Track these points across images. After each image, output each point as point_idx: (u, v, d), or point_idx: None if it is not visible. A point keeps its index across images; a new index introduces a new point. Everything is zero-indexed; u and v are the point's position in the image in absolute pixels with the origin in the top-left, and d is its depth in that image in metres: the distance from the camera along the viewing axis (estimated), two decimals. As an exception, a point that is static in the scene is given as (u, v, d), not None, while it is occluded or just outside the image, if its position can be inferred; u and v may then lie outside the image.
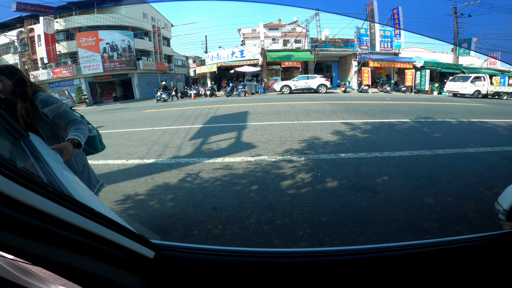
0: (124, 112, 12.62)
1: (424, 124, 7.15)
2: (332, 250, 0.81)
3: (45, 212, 0.43)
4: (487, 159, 4.16)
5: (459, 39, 5.12)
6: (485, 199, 2.78)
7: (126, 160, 4.52)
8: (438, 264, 0.76)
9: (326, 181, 3.35)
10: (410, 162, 3.98)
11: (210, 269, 0.74)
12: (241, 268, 0.76)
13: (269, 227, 2.40)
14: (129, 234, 0.62)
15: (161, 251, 0.73)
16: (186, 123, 7.98)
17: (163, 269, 0.70)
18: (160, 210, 2.80)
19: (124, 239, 0.60)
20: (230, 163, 4.12)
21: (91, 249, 0.52)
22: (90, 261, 0.52)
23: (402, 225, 2.36)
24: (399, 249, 0.81)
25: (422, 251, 0.79)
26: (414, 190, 3.05)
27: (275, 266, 0.77)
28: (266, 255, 0.82)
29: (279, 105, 11.18)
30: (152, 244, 0.71)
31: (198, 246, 0.82)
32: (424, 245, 0.80)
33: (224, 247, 0.84)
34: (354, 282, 0.75)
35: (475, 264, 0.77)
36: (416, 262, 0.77)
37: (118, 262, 0.59)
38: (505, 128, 6.69)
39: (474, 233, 0.80)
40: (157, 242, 0.75)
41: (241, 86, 19.61)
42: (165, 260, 0.72)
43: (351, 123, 7.02)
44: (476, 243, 0.79)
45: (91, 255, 0.52)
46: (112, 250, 0.57)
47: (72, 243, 0.48)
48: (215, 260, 0.77)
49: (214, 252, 0.81)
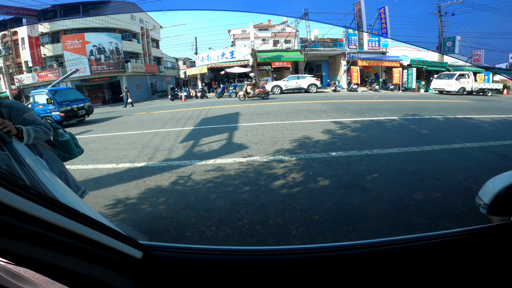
0: (113, 116, 12.40)
1: (412, 121, 7.30)
2: (322, 246, 0.82)
3: (28, 213, 0.44)
4: (473, 154, 4.27)
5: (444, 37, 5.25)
6: (472, 194, 2.84)
7: (116, 164, 4.44)
8: (425, 258, 0.78)
9: (317, 180, 3.36)
10: (399, 159, 4.05)
11: (198, 268, 0.74)
12: (229, 267, 0.76)
13: (262, 227, 2.40)
14: (115, 235, 0.62)
15: (149, 251, 0.73)
16: (177, 126, 7.90)
17: (151, 269, 0.71)
18: (153, 213, 2.76)
19: (110, 239, 0.60)
20: (222, 165, 4.09)
21: (76, 250, 0.53)
22: (76, 261, 0.53)
23: (393, 221, 2.39)
24: (389, 243, 0.82)
25: (410, 246, 0.81)
26: (403, 187, 3.10)
27: (263, 264, 0.77)
28: (255, 253, 0.81)
29: (270, 105, 11.21)
30: (140, 245, 0.72)
31: (186, 245, 0.82)
32: (412, 240, 0.81)
33: (213, 246, 0.84)
34: (346, 277, 0.76)
35: (460, 257, 0.78)
36: (405, 256, 0.78)
37: (105, 263, 0.59)
38: (490, 124, 6.90)
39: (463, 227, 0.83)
40: (145, 242, 0.76)
41: (232, 87, 19.57)
42: (153, 260, 0.72)
43: (341, 122, 7.10)
44: (461, 236, 0.81)
45: (76, 256, 0.53)
46: (98, 250, 0.57)
47: (55, 244, 0.49)
48: (203, 259, 0.77)
49: (202, 251, 0.81)
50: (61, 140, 1.74)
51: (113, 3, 2.17)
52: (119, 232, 0.66)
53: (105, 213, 2.80)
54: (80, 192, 1.80)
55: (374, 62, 23.07)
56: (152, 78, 30.40)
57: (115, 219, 2.67)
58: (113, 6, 2.21)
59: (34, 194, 0.46)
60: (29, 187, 0.47)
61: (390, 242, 0.81)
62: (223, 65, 22.74)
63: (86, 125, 9.90)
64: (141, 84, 28.21)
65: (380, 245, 0.81)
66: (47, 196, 0.51)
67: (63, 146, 1.80)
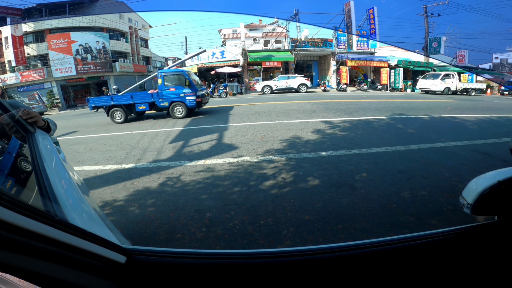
0: (100, 116, 12.12)
1: (399, 120, 7.45)
2: (312, 248, 0.81)
3: (4, 220, 0.44)
4: (458, 153, 4.39)
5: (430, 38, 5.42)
6: (457, 192, 2.91)
7: (103, 166, 4.34)
8: (413, 259, 0.79)
9: (307, 179, 3.38)
10: (387, 158, 4.12)
11: (183, 272, 0.73)
12: (217, 271, 0.75)
13: (253, 228, 2.39)
14: (96, 240, 0.62)
15: (133, 255, 0.72)
16: (166, 126, 7.80)
17: (135, 274, 0.70)
18: (141, 215, 2.71)
19: (90, 244, 0.60)
20: (212, 165, 4.06)
21: (55, 256, 0.52)
22: (56, 267, 0.52)
23: (381, 220, 2.43)
24: (379, 244, 0.82)
25: (398, 246, 0.81)
26: (391, 185, 3.15)
27: (252, 268, 0.76)
28: (243, 256, 0.80)
29: (261, 106, 11.22)
30: (123, 249, 0.71)
31: (172, 249, 0.81)
32: (400, 240, 0.82)
33: (199, 250, 0.83)
34: (336, 279, 0.76)
35: (446, 257, 0.80)
36: (394, 257, 0.79)
37: (86, 268, 0.59)
38: (474, 123, 7.12)
39: (449, 226, 0.84)
40: (129, 247, 0.75)
41: (222, 87, 19.48)
42: (137, 265, 0.71)
43: (330, 122, 7.17)
44: (447, 236, 0.82)
45: (56, 262, 0.52)
46: (79, 256, 0.57)
47: (33, 250, 0.48)
48: (189, 263, 0.76)
49: (188, 255, 0.81)
50: None
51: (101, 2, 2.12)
52: (99, 237, 0.65)
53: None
54: None
55: (362, 62, 23.44)
56: (141, 77, 29.90)
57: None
58: (101, 5, 2.16)
59: (8, 200, 0.45)
60: (2, 193, 0.46)
61: (379, 243, 0.82)
62: (214, 65, 22.60)
63: (75, 126, 9.61)
64: (129, 84, 27.67)
65: (369, 246, 0.81)
66: (24, 203, 0.50)
67: None
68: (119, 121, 9.16)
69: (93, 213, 0.98)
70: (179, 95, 9.01)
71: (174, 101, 9.11)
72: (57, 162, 1.16)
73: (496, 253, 0.79)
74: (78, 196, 1.04)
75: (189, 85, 8.99)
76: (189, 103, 9.06)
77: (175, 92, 9.04)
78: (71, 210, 0.77)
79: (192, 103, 9.09)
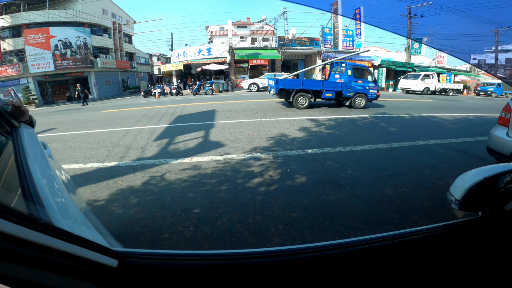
0: (80, 113, 11.67)
1: (382, 119, 7.66)
2: (301, 247, 0.81)
3: None
4: (437, 150, 4.57)
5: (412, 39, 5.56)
6: (437, 189, 3.04)
7: (84, 164, 4.17)
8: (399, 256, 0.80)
9: (294, 177, 3.40)
10: (371, 156, 4.22)
11: (177, 274, 0.71)
12: (211, 272, 0.73)
13: (241, 226, 2.37)
14: (84, 244, 0.59)
15: (125, 259, 0.69)
16: (150, 123, 7.61)
17: (128, 278, 0.67)
18: (126, 215, 2.62)
19: (78, 248, 0.57)
20: (198, 163, 4.00)
21: (42, 262, 0.50)
22: (42, 273, 0.49)
23: (367, 216, 2.48)
24: (368, 242, 0.83)
25: (384, 244, 0.82)
26: (375, 182, 3.23)
27: (245, 268, 0.75)
28: (236, 256, 0.79)
29: (247, 103, 11.18)
30: (114, 253, 0.68)
31: (165, 251, 0.78)
32: (385, 238, 0.83)
33: (191, 251, 0.81)
34: (327, 278, 0.76)
35: (433, 254, 0.82)
36: (384, 255, 0.80)
37: (75, 274, 0.56)
38: (451, 122, 7.43)
39: (430, 222, 0.87)
40: (120, 250, 0.72)
41: (208, 84, 19.26)
42: (129, 268, 0.69)
43: (316, 120, 7.26)
44: (433, 233, 0.84)
45: (41, 268, 0.49)
46: (66, 261, 0.54)
47: (18, 257, 0.46)
48: (182, 265, 0.74)
49: (181, 256, 0.79)
50: None
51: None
52: (88, 240, 0.63)
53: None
54: None
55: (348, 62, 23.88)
56: (124, 74, 29.07)
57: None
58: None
59: None
60: None
61: (369, 240, 0.82)
62: (200, 62, 22.29)
63: (47, 124, 9.17)
64: (111, 80, 26.88)
65: (360, 243, 0.82)
66: (4, 205, 0.47)
67: None
68: (303, 106, 9.45)
69: (81, 215, 0.93)
70: (365, 87, 9.82)
71: (359, 92, 9.80)
72: (42, 159, 1.09)
73: (481, 248, 0.82)
74: (64, 196, 0.99)
75: (374, 80, 10.01)
76: (370, 95, 9.93)
77: (362, 85, 9.80)
78: (57, 211, 0.73)
79: (373, 95, 9.94)
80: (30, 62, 21.23)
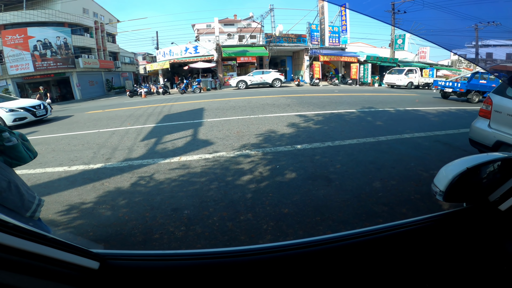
0: (63, 114, 11.28)
1: (368, 113, 7.79)
2: (291, 243, 0.81)
3: None
4: (422, 143, 4.69)
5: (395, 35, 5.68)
6: (423, 181, 3.12)
7: (69, 167, 4.04)
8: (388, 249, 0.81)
9: (284, 173, 3.42)
10: (358, 150, 4.30)
11: (162, 275, 0.70)
12: (197, 272, 0.73)
13: (233, 224, 2.36)
14: (63, 247, 0.58)
15: (107, 260, 0.69)
16: (137, 123, 7.45)
17: (110, 279, 0.67)
18: (114, 216, 2.57)
19: (58, 252, 0.56)
20: (187, 162, 3.96)
21: (21, 266, 0.49)
22: (23, 278, 0.48)
23: (356, 210, 2.53)
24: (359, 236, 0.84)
25: (373, 238, 0.84)
26: (363, 176, 3.29)
27: (232, 266, 0.74)
28: (222, 255, 0.78)
29: (235, 101, 11.13)
30: (95, 255, 0.67)
31: (147, 252, 0.77)
32: (374, 232, 0.85)
33: (175, 251, 0.80)
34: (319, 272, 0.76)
35: (420, 247, 0.84)
36: (368, 249, 0.81)
37: (56, 277, 0.55)
38: (435, 115, 7.65)
39: (418, 214, 0.89)
40: (101, 251, 0.71)
41: (195, 82, 19.02)
42: (111, 270, 0.68)
43: (304, 115, 7.31)
44: (419, 225, 0.86)
45: (21, 272, 0.48)
46: (46, 265, 0.53)
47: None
48: (164, 265, 0.73)
49: (163, 257, 0.78)
50: (7, 145, 1.49)
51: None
52: (67, 243, 0.61)
53: (58, 220, 2.54)
54: (36, 202, 1.56)
55: (334, 58, 24.15)
56: (108, 74, 28.34)
57: (67, 226, 2.43)
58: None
59: None
60: None
61: (360, 234, 0.83)
62: (187, 60, 21.96)
63: (35, 126, 8.80)
64: (95, 81, 26.18)
65: (350, 237, 0.83)
66: None
67: (10, 152, 1.54)
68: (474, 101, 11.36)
69: None
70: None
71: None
72: None
73: (466, 240, 0.84)
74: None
75: None
76: None
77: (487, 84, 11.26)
78: None
79: None
80: (8, 64, 20.39)
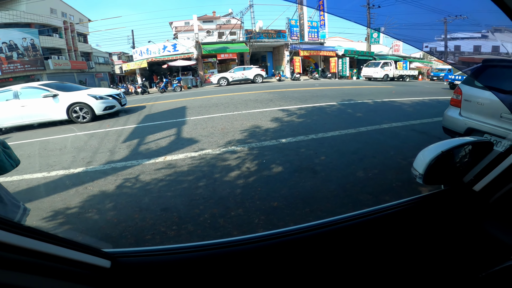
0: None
1: (348, 105, 8.02)
2: (284, 231, 0.86)
3: None
4: (399, 132, 4.92)
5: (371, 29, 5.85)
6: (403, 169, 3.29)
7: (48, 173, 3.87)
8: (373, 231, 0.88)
9: (271, 167, 3.48)
10: (341, 141, 4.44)
11: (170, 268, 0.73)
12: (201, 263, 0.75)
13: (224, 220, 2.39)
14: (75, 247, 0.59)
15: (117, 258, 0.70)
16: (117, 125, 7.22)
17: (123, 277, 0.68)
18: (102, 220, 2.51)
19: (70, 251, 0.57)
20: (173, 161, 3.92)
21: (35, 267, 0.49)
22: (36, 278, 0.49)
23: (343, 200, 2.63)
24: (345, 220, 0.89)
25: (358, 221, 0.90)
26: (347, 166, 3.41)
27: (235, 255, 0.78)
28: (224, 245, 0.82)
29: (218, 98, 11.05)
30: (106, 253, 0.68)
31: (156, 247, 0.79)
32: (358, 216, 0.91)
33: (183, 244, 0.82)
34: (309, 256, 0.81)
35: (402, 227, 0.91)
36: (355, 232, 0.87)
37: (69, 277, 0.56)
38: (410, 105, 8.01)
39: None
40: (112, 250, 0.73)
41: (176, 81, 18.64)
42: (123, 267, 0.70)
43: (287, 110, 7.41)
44: (399, 208, 0.93)
45: (34, 273, 0.49)
46: (59, 265, 0.54)
47: (11, 263, 0.46)
48: (174, 259, 0.76)
49: (172, 250, 0.80)
50: None
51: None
52: (78, 243, 0.62)
53: (44, 226, 2.45)
54: (20, 211, 1.50)
55: (314, 52, 24.49)
56: (81, 75, 27.10)
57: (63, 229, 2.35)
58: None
59: None
60: None
61: (344, 219, 0.89)
62: (165, 59, 21.43)
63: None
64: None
65: (335, 223, 0.88)
66: None
67: None
68: None
69: None
70: None
71: None
72: None
73: (444, 220, 0.92)
74: None
75: None
76: None
77: None
78: None
79: None
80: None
